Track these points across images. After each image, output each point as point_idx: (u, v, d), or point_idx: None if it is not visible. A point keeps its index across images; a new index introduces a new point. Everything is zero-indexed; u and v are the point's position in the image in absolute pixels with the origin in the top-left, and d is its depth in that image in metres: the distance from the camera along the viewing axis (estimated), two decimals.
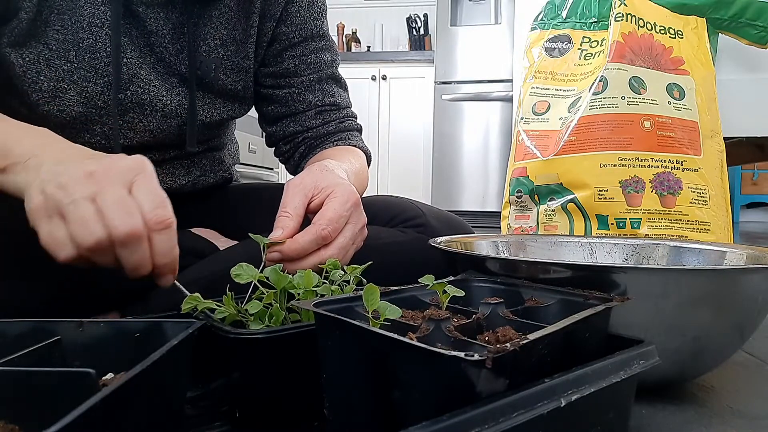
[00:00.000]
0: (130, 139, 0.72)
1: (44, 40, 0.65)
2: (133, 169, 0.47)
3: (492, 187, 3.37)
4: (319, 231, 0.56)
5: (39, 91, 0.66)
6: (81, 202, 0.44)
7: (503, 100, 3.30)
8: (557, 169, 1.13)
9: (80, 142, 0.69)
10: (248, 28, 0.78)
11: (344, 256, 0.59)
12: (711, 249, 0.72)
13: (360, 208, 0.62)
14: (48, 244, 0.45)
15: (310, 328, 0.42)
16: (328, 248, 0.57)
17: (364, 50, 4.04)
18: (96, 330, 0.40)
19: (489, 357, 0.27)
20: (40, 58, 0.65)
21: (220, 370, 0.46)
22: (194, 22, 0.72)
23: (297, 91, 0.83)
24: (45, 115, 0.67)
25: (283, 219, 0.57)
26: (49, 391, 0.30)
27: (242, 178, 1.02)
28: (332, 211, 0.57)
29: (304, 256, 0.56)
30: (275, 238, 0.55)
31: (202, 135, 0.80)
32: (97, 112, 0.69)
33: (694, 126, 1.10)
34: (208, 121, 0.79)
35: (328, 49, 0.86)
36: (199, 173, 0.84)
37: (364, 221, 0.62)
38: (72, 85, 0.67)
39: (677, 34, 1.17)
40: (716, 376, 0.62)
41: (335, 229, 0.57)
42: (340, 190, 0.60)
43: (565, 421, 0.32)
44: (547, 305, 0.45)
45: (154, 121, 0.73)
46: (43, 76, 0.66)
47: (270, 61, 0.83)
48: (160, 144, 0.75)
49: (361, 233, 0.62)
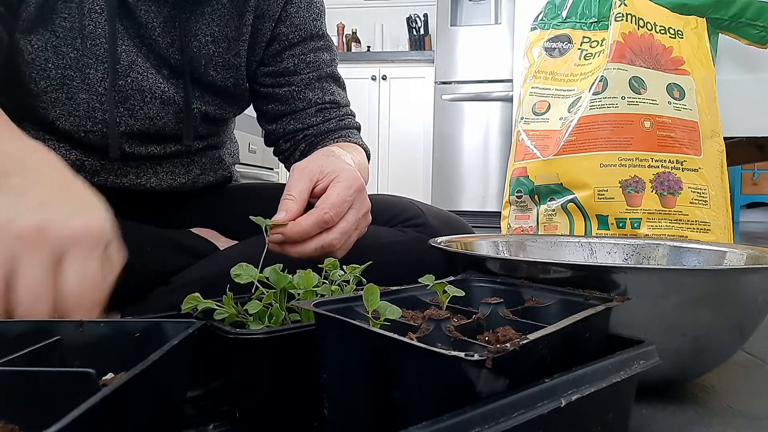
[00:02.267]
0: (131, 126, 0.73)
1: (51, 27, 0.66)
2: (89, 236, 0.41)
3: (492, 187, 3.37)
4: (322, 215, 0.56)
5: (47, 79, 0.67)
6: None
7: (503, 100, 3.30)
8: (557, 169, 1.13)
9: (82, 130, 0.70)
10: (241, 26, 0.78)
11: (346, 242, 0.59)
12: (711, 249, 0.72)
13: (364, 194, 0.61)
14: None
15: (310, 328, 0.42)
16: (330, 232, 0.57)
17: (364, 50, 4.04)
18: (96, 330, 0.40)
19: (489, 357, 0.27)
20: (47, 45, 0.66)
21: (220, 370, 0.46)
22: (186, 17, 0.72)
23: (297, 89, 0.84)
24: (53, 102, 0.68)
25: (287, 202, 0.57)
26: (49, 391, 0.30)
27: (242, 178, 1.02)
28: (336, 195, 0.57)
29: (306, 240, 0.56)
30: (278, 219, 0.55)
31: (199, 130, 0.81)
32: (99, 98, 0.70)
33: (694, 126, 1.10)
34: (204, 113, 0.79)
35: (327, 49, 0.86)
36: (198, 172, 0.84)
37: (367, 207, 0.62)
38: (77, 72, 0.68)
39: (677, 34, 1.17)
40: (716, 376, 0.62)
41: (338, 214, 0.57)
42: (344, 175, 0.60)
43: (565, 421, 0.32)
44: (547, 305, 0.45)
45: (154, 108, 0.73)
46: (51, 64, 0.67)
47: (269, 61, 0.83)
48: (160, 133, 0.76)
49: (365, 219, 0.62)
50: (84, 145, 0.72)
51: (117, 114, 0.71)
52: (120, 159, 0.73)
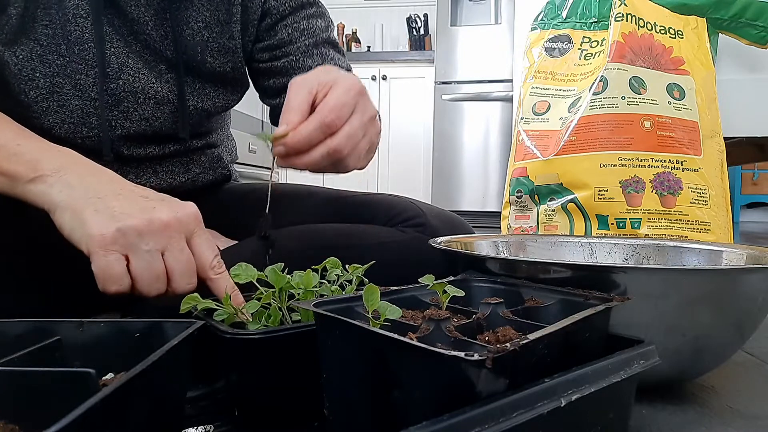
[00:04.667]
0: (127, 128, 0.72)
1: (34, 36, 0.65)
2: (194, 219, 0.52)
3: (492, 187, 3.37)
4: (323, 118, 0.54)
5: (36, 88, 0.67)
6: (155, 255, 0.48)
7: (503, 100, 3.30)
8: (557, 169, 1.13)
9: (79, 136, 0.70)
10: (231, 7, 0.77)
11: (355, 148, 0.57)
12: (711, 249, 0.72)
13: (366, 98, 0.59)
14: (101, 275, 0.47)
15: (308, 328, 0.42)
16: (335, 137, 0.55)
17: (364, 50, 4.04)
18: (96, 330, 0.40)
19: (489, 357, 0.27)
20: (32, 54, 0.66)
21: (220, 370, 0.46)
22: (176, 6, 0.72)
23: (295, 58, 0.82)
24: (45, 111, 0.68)
25: (286, 115, 0.55)
26: (49, 391, 0.30)
27: (242, 177, 1.02)
28: (335, 98, 0.56)
29: (311, 148, 0.54)
30: (279, 132, 0.54)
31: (197, 126, 0.80)
32: (92, 103, 0.69)
33: (694, 126, 1.10)
34: (200, 107, 0.78)
35: (320, 16, 0.84)
36: (198, 171, 0.84)
37: (373, 113, 0.60)
38: (67, 79, 0.67)
39: (677, 34, 1.17)
40: (716, 376, 0.62)
41: (339, 117, 0.55)
42: (342, 81, 0.58)
43: (565, 421, 0.32)
44: (547, 305, 0.45)
45: (149, 109, 0.73)
46: (38, 73, 0.66)
47: (264, 36, 0.82)
48: (157, 134, 0.75)
49: (372, 125, 0.60)
50: (82, 150, 0.72)
51: (111, 117, 0.70)
52: (119, 161, 0.72)
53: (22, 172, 0.51)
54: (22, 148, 0.53)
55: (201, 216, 0.53)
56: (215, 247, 0.52)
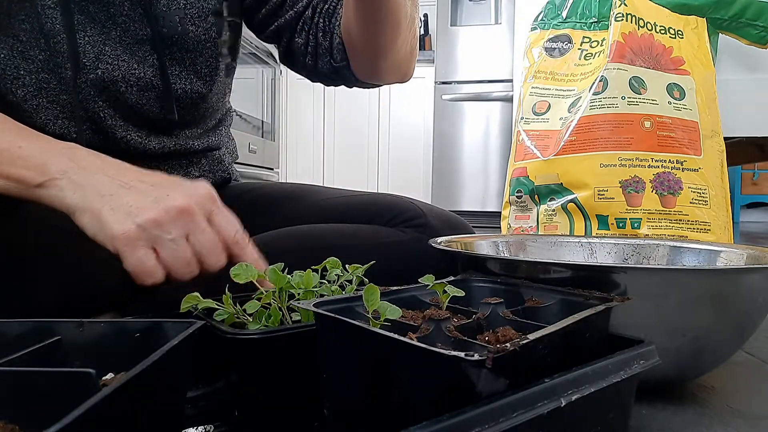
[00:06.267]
0: (115, 117, 0.70)
1: (13, 32, 0.64)
2: (209, 198, 0.53)
3: (492, 187, 3.37)
4: None
5: (23, 86, 0.65)
6: (180, 241, 0.50)
7: (503, 100, 3.30)
8: (557, 169, 1.13)
9: (74, 131, 0.68)
10: None
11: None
12: (711, 249, 0.72)
13: None
14: (135, 272, 0.49)
15: (308, 328, 0.42)
16: None
17: None
18: (96, 330, 0.40)
19: (489, 357, 0.27)
20: (14, 52, 0.64)
21: (220, 370, 0.46)
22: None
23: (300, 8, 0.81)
24: (36, 108, 0.66)
25: None
26: (49, 391, 0.30)
27: (242, 177, 1.02)
28: None
29: None
30: None
31: (190, 111, 0.78)
32: (77, 96, 0.68)
33: (694, 126, 1.10)
34: (189, 89, 0.76)
35: None
36: (198, 174, 0.83)
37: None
38: (51, 74, 0.66)
39: (677, 34, 1.17)
40: (716, 376, 0.62)
41: None
42: None
43: (565, 421, 0.32)
44: (547, 305, 0.45)
45: (133, 96, 0.71)
46: (22, 70, 0.65)
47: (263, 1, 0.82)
48: (149, 119, 0.73)
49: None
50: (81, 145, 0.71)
51: (98, 108, 0.69)
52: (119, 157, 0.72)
53: (30, 177, 0.51)
54: (25, 151, 0.52)
55: (215, 193, 0.53)
56: (235, 222, 0.54)
